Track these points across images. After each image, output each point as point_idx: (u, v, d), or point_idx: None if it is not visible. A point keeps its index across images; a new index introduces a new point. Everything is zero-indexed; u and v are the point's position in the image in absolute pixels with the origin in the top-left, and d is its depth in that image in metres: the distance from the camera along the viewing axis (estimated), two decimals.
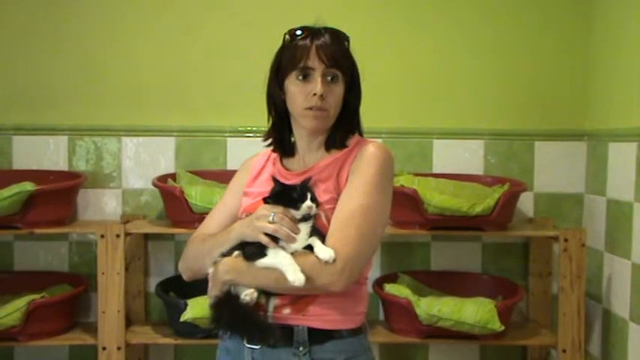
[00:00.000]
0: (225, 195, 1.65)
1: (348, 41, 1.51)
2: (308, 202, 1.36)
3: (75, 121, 2.69)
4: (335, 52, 1.45)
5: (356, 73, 1.52)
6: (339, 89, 1.48)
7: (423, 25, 2.73)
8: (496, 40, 2.73)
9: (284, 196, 1.39)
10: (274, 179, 1.44)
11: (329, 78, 1.46)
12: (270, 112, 1.56)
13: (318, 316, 1.42)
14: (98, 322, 2.38)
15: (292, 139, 1.57)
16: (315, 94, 1.44)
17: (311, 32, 1.47)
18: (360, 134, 1.57)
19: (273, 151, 1.59)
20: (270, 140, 1.58)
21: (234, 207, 1.60)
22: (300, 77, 1.46)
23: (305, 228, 1.37)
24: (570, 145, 2.74)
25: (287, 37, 1.50)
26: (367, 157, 1.46)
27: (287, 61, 1.48)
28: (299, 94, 1.47)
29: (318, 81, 1.44)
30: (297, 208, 1.36)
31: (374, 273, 2.66)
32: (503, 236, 2.70)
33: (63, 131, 2.69)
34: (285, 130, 1.56)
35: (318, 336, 1.41)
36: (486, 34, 2.73)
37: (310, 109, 1.46)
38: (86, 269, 2.68)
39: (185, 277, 1.60)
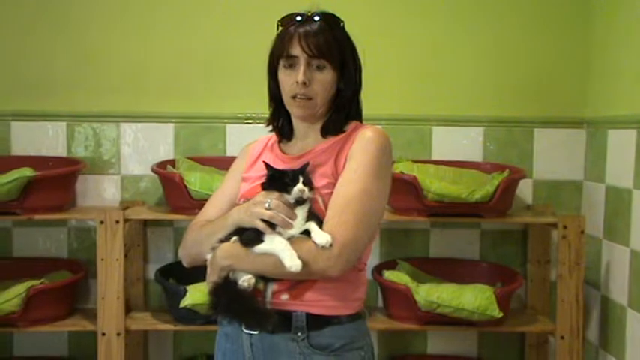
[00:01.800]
0: (224, 182, 1.66)
1: (341, 26, 1.50)
2: (299, 186, 1.36)
3: (74, 107, 2.68)
4: (319, 40, 1.44)
5: (350, 59, 1.51)
6: (326, 76, 1.47)
7: (422, 11, 2.71)
8: (495, 26, 2.72)
9: (276, 181, 1.39)
10: (266, 165, 1.44)
11: (315, 65, 1.46)
12: (269, 99, 1.58)
13: (317, 302, 1.42)
14: (98, 308, 2.39)
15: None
16: (297, 82, 1.45)
17: (296, 20, 1.47)
18: (360, 121, 1.57)
19: (276, 134, 1.60)
20: (271, 127, 1.60)
21: (233, 193, 1.60)
22: (287, 65, 1.47)
23: (302, 213, 1.37)
24: (569, 132, 2.73)
25: (278, 24, 1.51)
26: (365, 141, 1.46)
27: (276, 49, 1.50)
28: (285, 82, 1.48)
29: (300, 69, 1.45)
30: (288, 192, 1.36)
31: (373, 260, 2.67)
32: (502, 223, 2.71)
33: (62, 117, 2.68)
34: (282, 116, 1.56)
35: (316, 322, 1.42)
36: (485, 20, 2.72)
37: (294, 97, 1.47)
38: (85, 255, 2.68)
39: (185, 263, 1.60)
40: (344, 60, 1.49)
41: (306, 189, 1.36)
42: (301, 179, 1.36)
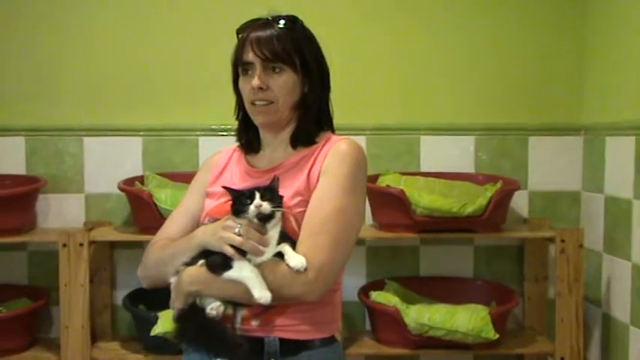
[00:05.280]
0: (185, 196, 1.66)
1: (298, 27, 1.52)
2: (257, 201, 1.35)
3: (32, 120, 2.67)
4: (272, 43, 1.47)
5: (312, 60, 1.52)
6: (285, 79, 1.49)
7: (410, 13, 2.74)
8: (487, 29, 2.75)
9: (236, 202, 1.38)
10: (225, 188, 1.43)
11: (272, 69, 1.48)
12: (236, 110, 1.60)
13: (289, 327, 1.43)
14: (61, 339, 2.37)
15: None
16: (253, 88, 1.48)
17: (251, 25, 1.50)
18: (332, 130, 1.59)
19: (240, 147, 1.61)
20: (238, 139, 1.62)
21: (197, 209, 1.60)
22: (244, 72, 1.51)
23: (274, 234, 1.38)
24: (566, 140, 2.76)
25: (237, 32, 1.54)
26: (340, 155, 1.47)
27: (234, 57, 1.54)
28: (244, 89, 1.52)
29: (256, 74, 1.47)
30: (246, 211, 1.35)
31: (359, 280, 2.67)
32: (496, 238, 2.72)
33: (19, 132, 2.67)
34: (250, 127, 1.58)
35: (289, 347, 1.42)
36: (477, 23, 2.75)
37: (253, 103, 1.50)
38: (47, 281, 2.65)
39: (144, 284, 1.61)
40: (305, 62, 1.51)
41: (264, 203, 1.35)
42: (258, 194, 1.35)
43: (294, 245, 1.39)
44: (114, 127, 2.69)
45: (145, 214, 2.42)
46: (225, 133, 2.67)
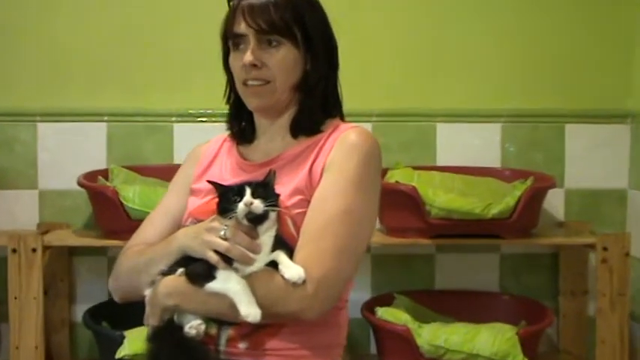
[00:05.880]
0: (167, 194, 1.66)
1: None
2: (247, 198, 1.33)
3: None
4: (268, 11, 1.46)
5: (316, 33, 1.52)
6: (283, 54, 1.48)
7: None
8: None
9: (223, 200, 1.38)
10: (211, 183, 1.43)
11: (268, 43, 1.47)
12: (227, 91, 1.60)
13: (283, 351, 1.41)
14: None
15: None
16: (245, 65, 1.47)
17: None
18: (341, 117, 1.58)
19: (231, 137, 1.61)
20: (229, 127, 1.62)
21: (179, 209, 1.60)
22: (235, 47, 1.50)
23: (267, 239, 1.36)
24: (610, 129, 2.77)
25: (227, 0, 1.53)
26: (347, 146, 1.46)
27: (223, 28, 1.53)
28: (235, 67, 1.51)
29: (249, 49, 1.47)
30: (234, 210, 1.34)
31: (363, 294, 2.67)
32: (526, 245, 2.72)
33: None
34: (241, 111, 1.58)
35: None
36: None
37: (245, 83, 1.49)
38: None
39: (116, 298, 1.61)
40: (307, 34, 1.50)
41: (256, 201, 1.33)
42: (249, 190, 1.34)
43: (291, 253, 1.38)
44: (73, 110, 2.69)
45: (110, 214, 2.41)
46: (204, 119, 2.67)
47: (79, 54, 2.70)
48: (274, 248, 1.37)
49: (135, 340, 2.29)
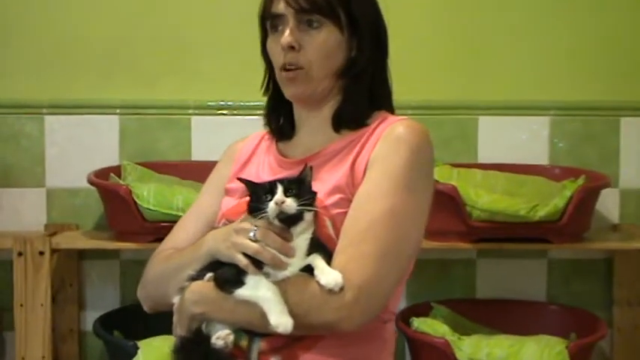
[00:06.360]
0: (200, 195, 1.67)
1: None
2: (278, 196, 1.32)
3: None
4: None
5: (363, 14, 1.51)
6: (325, 37, 1.48)
7: None
8: None
9: (254, 199, 1.37)
10: (241, 180, 1.43)
11: (308, 24, 1.47)
12: (265, 81, 1.60)
13: None
14: None
15: None
16: (283, 47, 1.47)
17: None
18: (391, 110, 1.58)
19: (269, 133, 1.62)
20: (266, 121, 1.63)
21: (213, 211, 1.60)
22: (272, 29, 1.50)
23: (302, 241, 1.35)
24: None
25: None
26: (394, 140, 1.45)
27: (261, 9, 1.52)
28: (272, 51, 1.51)
29: (287, 30, 1.46)
30: (264, 209, 1.33)
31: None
32: (577, 250, 2.72)
33: None
34: (280, 103, 1.58)
35: None
36: None
37: (283, 69, 1.49)
38: None
39: (145, 307, 1.61)
40: (353, 15, 1.49)
41: (288, 199, 1.32)
42: (281, 188, 1.33)
43: (329, 257, 1.37)
44: (84, 102, 2.71)
45: (123, 215, 2.42)
46: (225, 112, 2.66)
47: (89, 41, 2.71)
48: (310, 251, 1.35)
49: (149, 350, 2.31)
